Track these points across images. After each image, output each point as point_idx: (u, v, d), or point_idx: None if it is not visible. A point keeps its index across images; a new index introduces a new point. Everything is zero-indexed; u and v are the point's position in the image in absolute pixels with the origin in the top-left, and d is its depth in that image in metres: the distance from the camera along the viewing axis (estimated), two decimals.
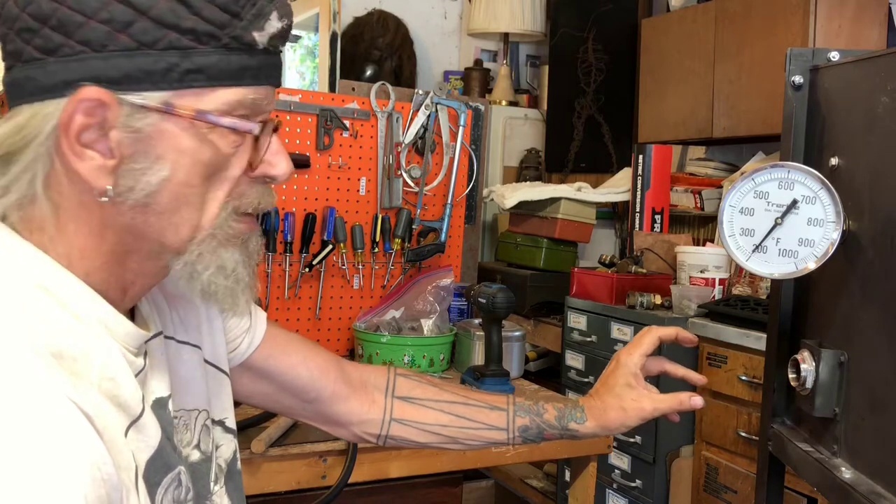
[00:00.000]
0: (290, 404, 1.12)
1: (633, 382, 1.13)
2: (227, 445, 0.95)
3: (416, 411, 1.15)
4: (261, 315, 1.07)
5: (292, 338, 1.12)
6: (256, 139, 0.76)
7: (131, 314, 0.82)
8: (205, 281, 0.77)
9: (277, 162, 0.79)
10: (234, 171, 0.76)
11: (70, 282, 0.73)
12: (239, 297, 0.79)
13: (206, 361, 0.94)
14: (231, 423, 0.95)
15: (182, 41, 0.70)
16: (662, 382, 1.33)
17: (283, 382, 1.09)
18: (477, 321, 2.15)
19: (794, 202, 0.94)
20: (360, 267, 2.30)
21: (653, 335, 1.14)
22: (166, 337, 0.89)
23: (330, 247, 2.23)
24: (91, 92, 0.68)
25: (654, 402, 1.12)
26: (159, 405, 0.81)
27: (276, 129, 0.80)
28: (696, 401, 1.10)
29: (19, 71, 0.70)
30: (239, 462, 0.96)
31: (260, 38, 0.73)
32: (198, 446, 0.89)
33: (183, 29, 0.69)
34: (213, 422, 0.93)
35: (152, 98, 0.70)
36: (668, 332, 1.14)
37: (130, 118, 0.70)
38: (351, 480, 1.49)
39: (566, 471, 2.62)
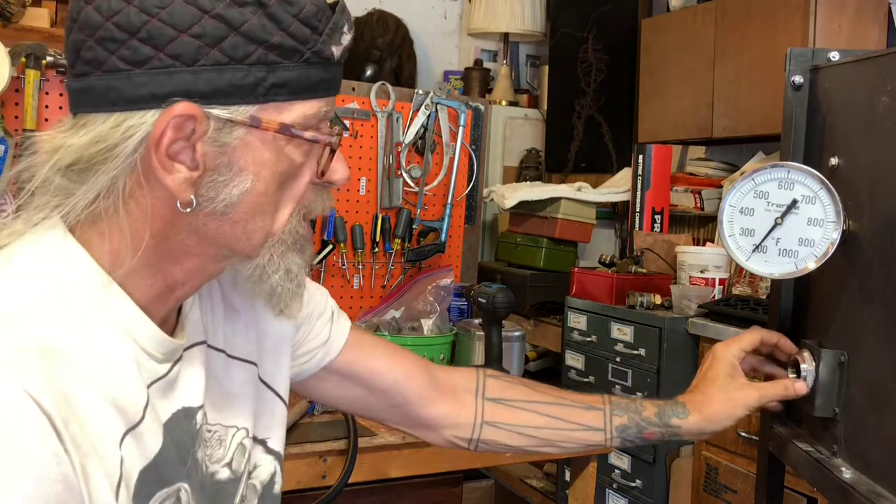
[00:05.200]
0: (378, 408, 1.12)
1: (734, 373, 1.07)
2: (266, 466, 0.93)
3: (509, 413, 1.11)
4: (342, 324, 1.08)
5: (378, 342, 1.13)
6: (332, 149, 0.78)
7: (175, 319, 0.82)
8: (273, 284, 0.79)
9: (338, 168, 0.80)
10: (304, 180, 0.77)
11: (100, 280, 0.72)
12: (299, 300, 0.82)
13: (261, 380, 0.93)
14: (274, 444, 0.94)
15: (269, 56, 0.70)
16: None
17: (371, 387, 1.09)
18: (477, 321, 2.15)
19: (794, 202, 0.94)
20: (360, 267, 2.30)
21: (755, 334, 1.08)
22: (214, 349, 0.88)
23: (330, 247, 2.23)
24: (184, 108, 0.69)
25: (759, 390, 1.05)
26: (185, 415, 0.80)
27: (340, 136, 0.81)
28: (800, 386, 1.00)
29: (98, 79, 0.69)
30: (278, 486, 0.94)
31: (337, 51, 0.75)
32: (229, 464, 0.87)
33: (271, 45, 0.70)
34: (255, 440, 0.92)
35: (239, 112, 0.71)
36: (771, 335, 1.08)
37: (219, 132, 0.71)
38: (351, 480, 1.49)
39: (566, 471, 2.61)
